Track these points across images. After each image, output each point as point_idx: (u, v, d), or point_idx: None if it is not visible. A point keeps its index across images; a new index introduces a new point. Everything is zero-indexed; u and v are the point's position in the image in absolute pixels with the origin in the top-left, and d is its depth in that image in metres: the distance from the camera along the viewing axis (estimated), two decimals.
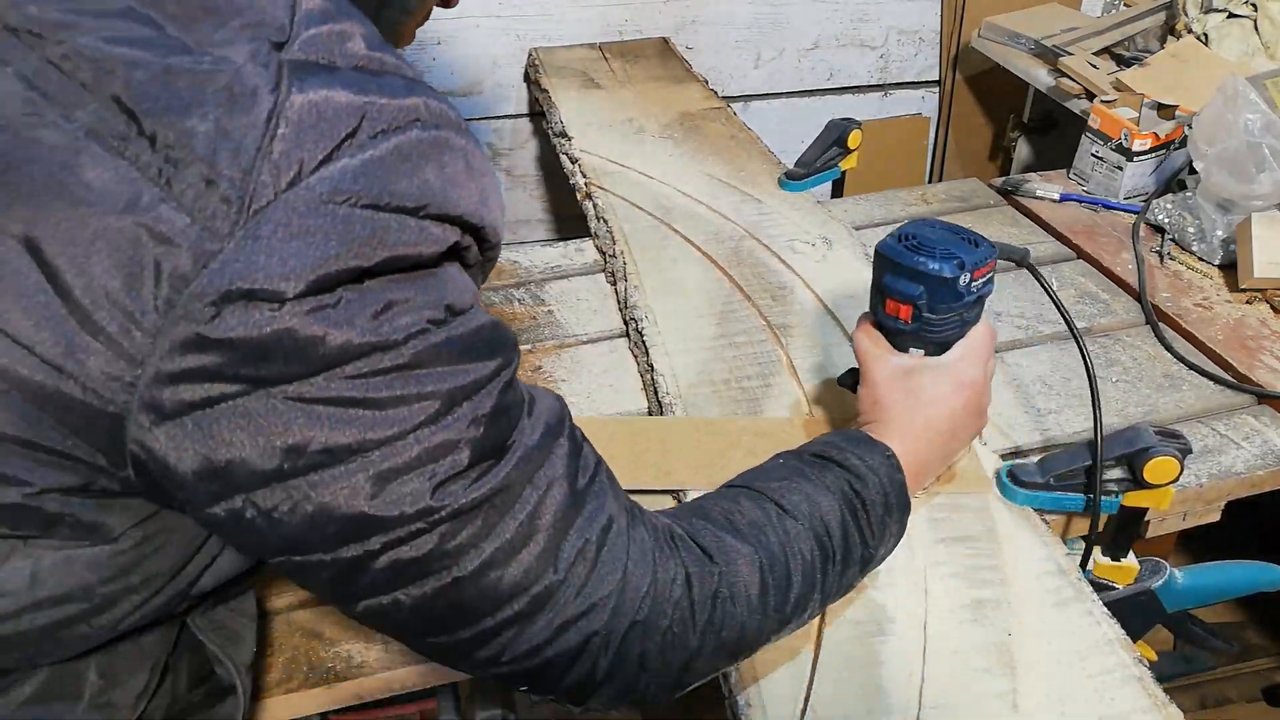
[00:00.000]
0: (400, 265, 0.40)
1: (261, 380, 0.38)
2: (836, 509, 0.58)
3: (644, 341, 0.96)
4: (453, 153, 0.42)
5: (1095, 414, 0.71)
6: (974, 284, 0.67)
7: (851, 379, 0.77)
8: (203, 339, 0.37)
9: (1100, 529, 0.75)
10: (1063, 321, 0.75)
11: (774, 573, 0.54)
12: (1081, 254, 1.16)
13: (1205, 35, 1.52)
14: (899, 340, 0.71)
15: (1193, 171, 1.16)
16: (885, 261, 0.69)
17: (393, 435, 0.40)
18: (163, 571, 0.47)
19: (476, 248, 0.45)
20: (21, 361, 0.37)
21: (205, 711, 0.54)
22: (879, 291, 0.70)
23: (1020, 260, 0.76)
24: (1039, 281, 0.75)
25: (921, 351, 0.70)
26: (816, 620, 0.66)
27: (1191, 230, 1.14)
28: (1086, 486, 0.73)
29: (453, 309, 0.42)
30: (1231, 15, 1.50)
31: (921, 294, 0.67)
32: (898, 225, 0.71)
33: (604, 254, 1.15)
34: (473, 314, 0.44)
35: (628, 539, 0.50)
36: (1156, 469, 0.70)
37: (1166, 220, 1.17)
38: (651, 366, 0.93)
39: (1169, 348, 0.98)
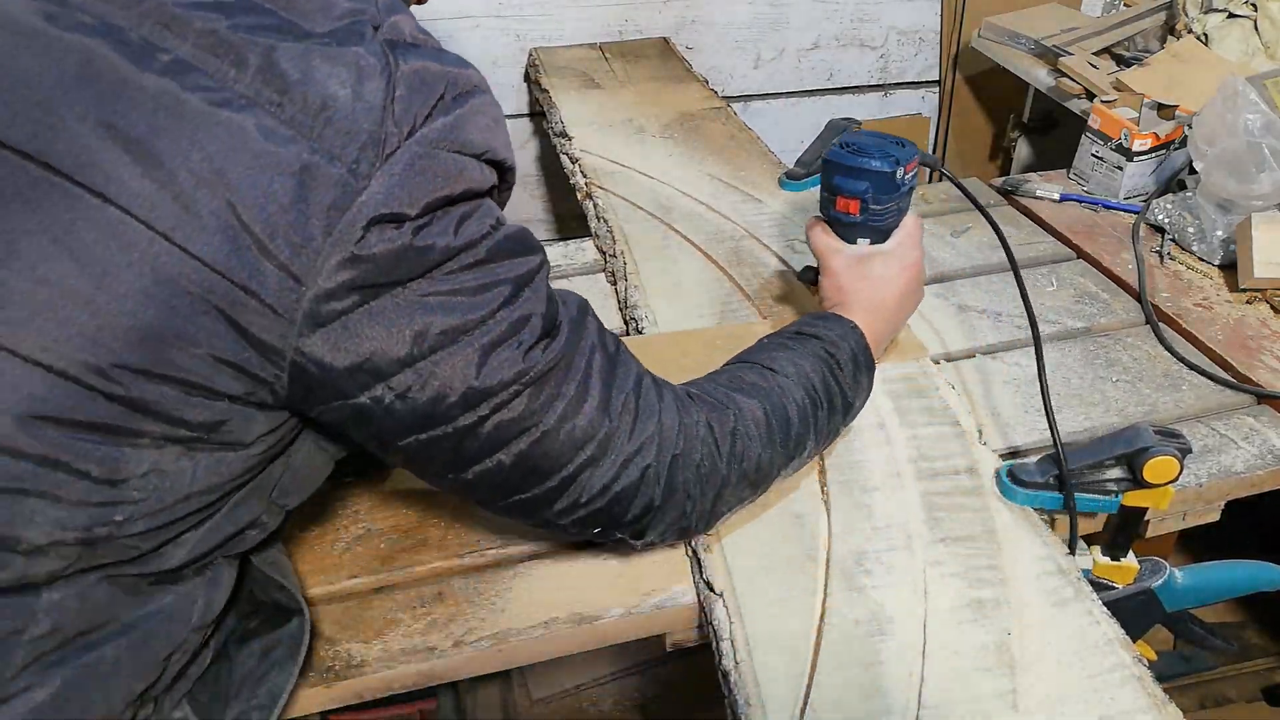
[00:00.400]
0: (470, 195, 0.51)
1: (391, 284, 0.49)
2: (818, 368, 0.72)
3: None
4: (493, 110, 0.53)
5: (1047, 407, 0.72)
6: (906, 176, 0.82)
7: (812, 274, 0.89)
8: (355, 257, 0.47)
9: (1101, 529, 0.75)
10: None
11: (775, 415, 0.67)
12: (1081, 254, 1.16)
13: (1205, 35, 1.52)
14: (849, 233, 0.84)
15: (1193, 171, 1.16)
16: (834, 166, 0.82)
17: (485, 315, 0.52)
18: (266, 484, 0.56)
19: (501, 183, 0.56)
20: (216, 284, 0.45)
21: (270, 632, 0.62)
22: (830, 192, 0.83)
23: (933, 166, 0.90)
24: (956, 185, 0.89)
25: (868, 240, 0.84)
26: (816, 620, 0.67)
27: (1191, 230, 1.14)
28: (1087, 487, 0.73)
29: (499, 222, 0.54)
30: (1231, 15, 1.50)
31: (867, 189, 0.81)
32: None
33: (604, 254, 1.15)
34: (511, 225, 0.56)
35: (657, 391, 0.63)
36: (1156, 468, 0.70)
37: (1166, 220, 1.17)
38: None
39: (1169, 348, 0.98)
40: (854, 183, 0.81)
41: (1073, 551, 0.72)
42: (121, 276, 0.44)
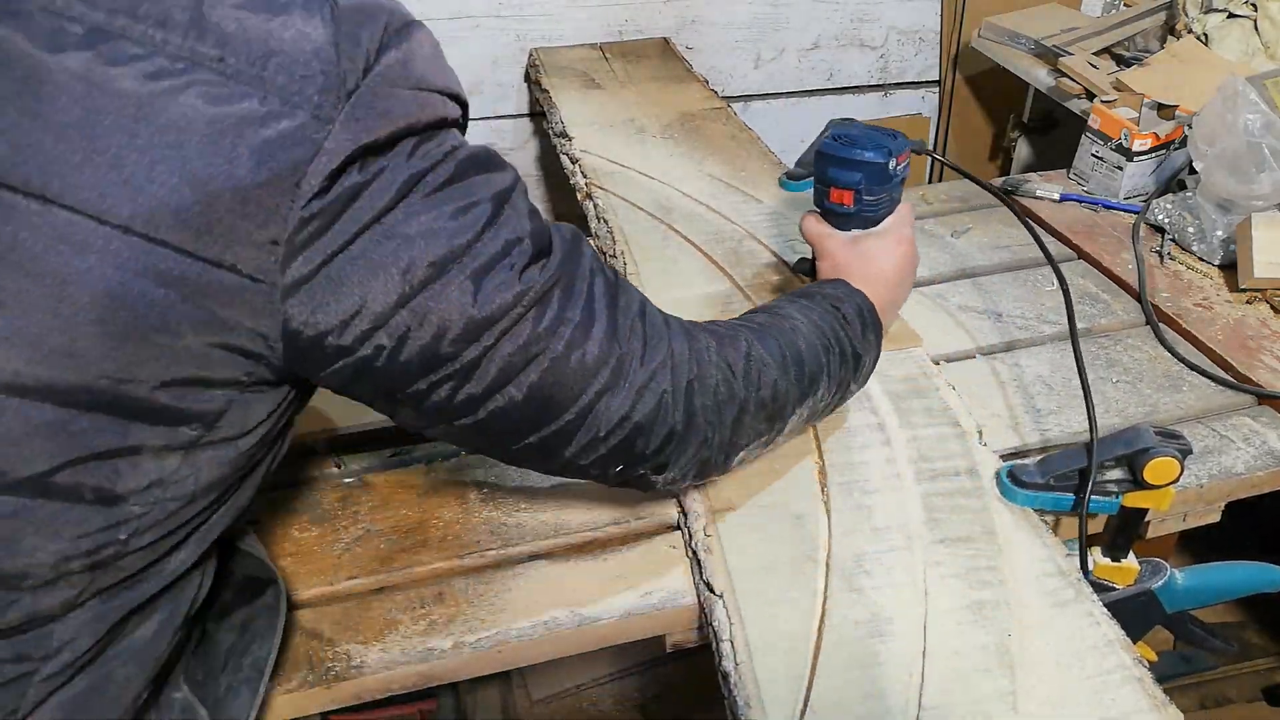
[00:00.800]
0: (433, 125, 0.49)
1: (366, 225, 0.46)
2: (827, 318, 0.72)
3: None
4: (434, 41, 0.50)
5: (1089, 410, 0.71)
6: (899, 167, 0.83)
7: (806, 264, 0.91)
8: (326, 206, 0.44)
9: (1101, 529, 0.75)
10: (1063, 321, 0.75)
11: (788, 349, 0.67)
12: (1081, 254, 1.16)
13: (1205, 35, 1.52)
14: (843, 223, 0.85)
15: (1193, 171, 1.16)
16: (828, 158, 0.83)
17: (471, 238, 0.49)
18: (262, 473, 0.55)
19: (462, 118, 0.54)
20: (189, 266, 0.42)
21: (247, 605, 0.61)
22: (824, 184, 0.84)
23: (919, 150, 0.92)
24: (967, 176, 0.95)
25: (861, 231, 0.85)
26: (816, 621, 0.67)
27: (1191, 230, 1.14)
28: (1085, 487, 0.73)
29: (462, 143, 0.52)
30: (1231, 15, 1.50)
31: (860, 180, 0.82)
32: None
33: (604, 254, 1.15)
34: (476, 144, 0.53)
35: (663, 318, 0.62)
36: (1156, 469, 0.70)
37: (1166, 220, 1.17)
38: None
39: (1169, 348, 0.97)
40: (848, 174, 0.82)
41: (1083, 559, 0.72)
42: (84, 282, 0.40)
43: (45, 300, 0.40)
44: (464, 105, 0.52)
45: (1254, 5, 1.48)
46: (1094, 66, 1.54)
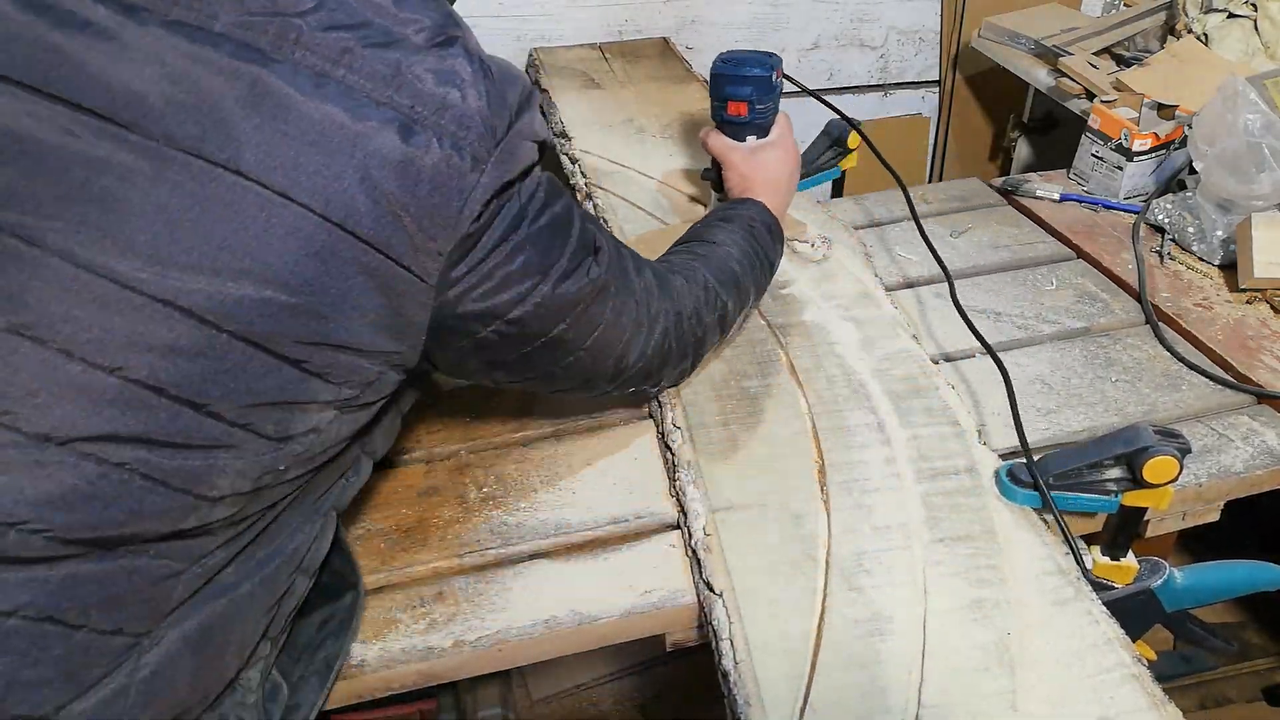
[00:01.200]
0: (535, 165, 0.61)
1: (499, 240, 0.59)
2: (748, 238, 0.89)
3: None
4: (538, 100, 0.65)
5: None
6: (778, 80, 1.00)
7: (714, 172, 1.05)
8: (476, 230, 0.57)
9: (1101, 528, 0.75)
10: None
11: (725, 271, 0.85)
12: (1081, 254, 1.16)
13: (1205, 35, 1.52)
14: (739, 132, 1.02)
15: (1193, 171, 1.16)
16: (724, 78, 1.00)
17: (560, 250, 0.64)
18: (375, 436, 0.68)
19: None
20: (379, 262, 0.53)
21: (325, 605, 0.68)
22: (721, 100, 1.00)
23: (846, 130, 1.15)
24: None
25: (755, 136, 1.02)
26: (816, 620, 0.67)
27: (1191, 230, 1.14)
28: (1087, 487, 0.73)
29: (544, 177, 0.64)
30: (1231, 15, 1.50)
31: (751, 92, 0.98)
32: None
33: None
34: (546, 174, 0.65)
35: (652, 270, 0.77)
36: (1155, 468, 0.70)
37: (1166, 220, 1.17)
38: None
39: (1169, 348, 0.98)
40: (741, 89, 0.99)
41: (1076, 555, 0.72)
42: (307, 263, 0.51)
43: (275, 268, 0.50)
44: (548, 147, 0.64)
45: (1254, 5, 1.48)
46: (1094, 66, 1.54)
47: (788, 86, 1.06)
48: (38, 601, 0.46)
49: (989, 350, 0.88)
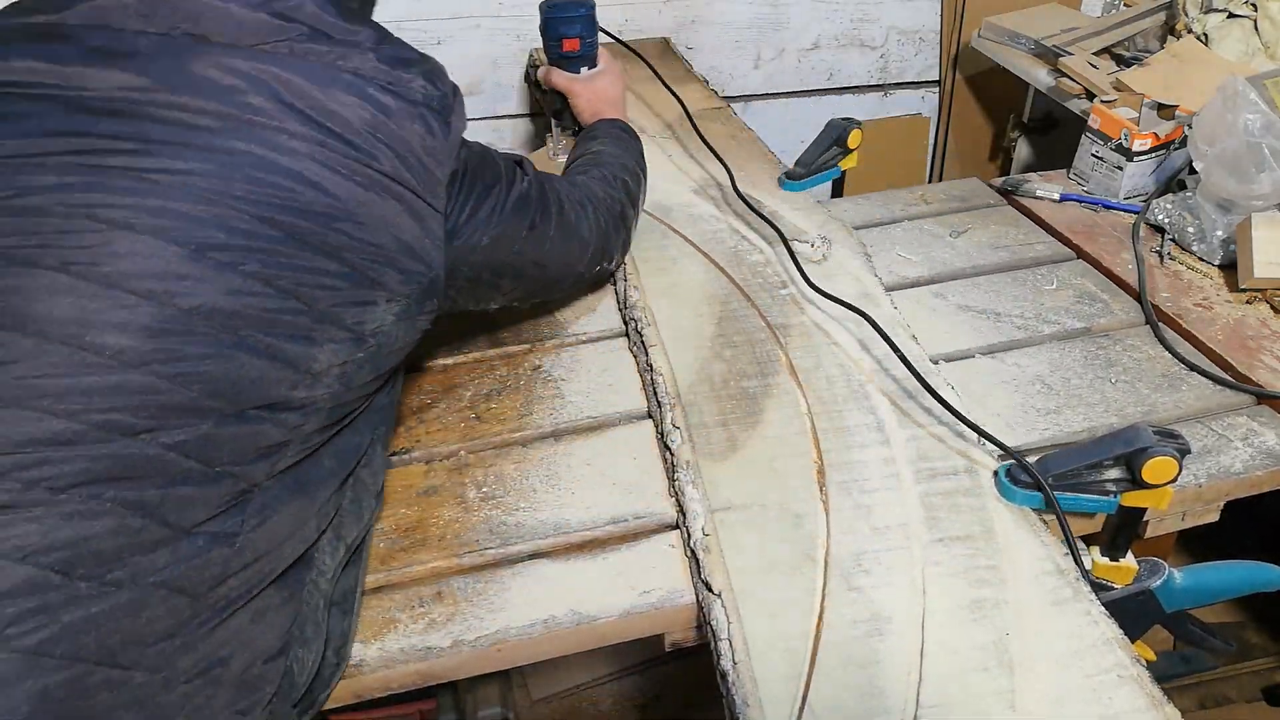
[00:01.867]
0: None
1: (467, 181, 0.75)
2: (610, 139, 1.11)
3: (643, 341, 0.96)
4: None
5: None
6: (595, 15, 1.20)
7: (560, 103, 1.25)
8: (455, 171, 0.72)
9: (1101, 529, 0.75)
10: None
11: (617, 164, 1.06)
12: (1081, 254, 1.16)
13: (1205, 35, 1.52)
14: (574, 65, 1.21)
15: (1193, 171, 1.16)
16: (556, 20, 1.18)
17: (500, 181, 0.80)
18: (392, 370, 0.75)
19: None
20: (412, 200, 0.67)
21: (352, 571, 0.73)
22: (556, 39, 1.19)
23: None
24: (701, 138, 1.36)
25: (586, 67, 1.22)
26: (815, 620, 0.67)
27: (1191, 230, 1.14)
28: (1085, 488, 0.73)
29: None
30: (1231, 15, 1.50)
31: (579, 29, 1.18)
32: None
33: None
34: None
35: (569, 182, 0.97)
36: (1155, 469, 0.70)
37: (1166, 220, 1.17)
38: (650, 366, 0.93)
39: (1169, 348, 0.97)
40: (570, 26, 1.18)
41: (1075, 555, 0.72)
42: (352, 182, 0.64)
43: (338, 197, 0.63)
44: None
45: (1254, 5, 1.48)
46: (1094, 66, 1.54)
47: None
48: (189, 442, 0.56)
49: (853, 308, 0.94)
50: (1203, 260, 1.13)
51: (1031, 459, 0.78)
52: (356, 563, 0.73)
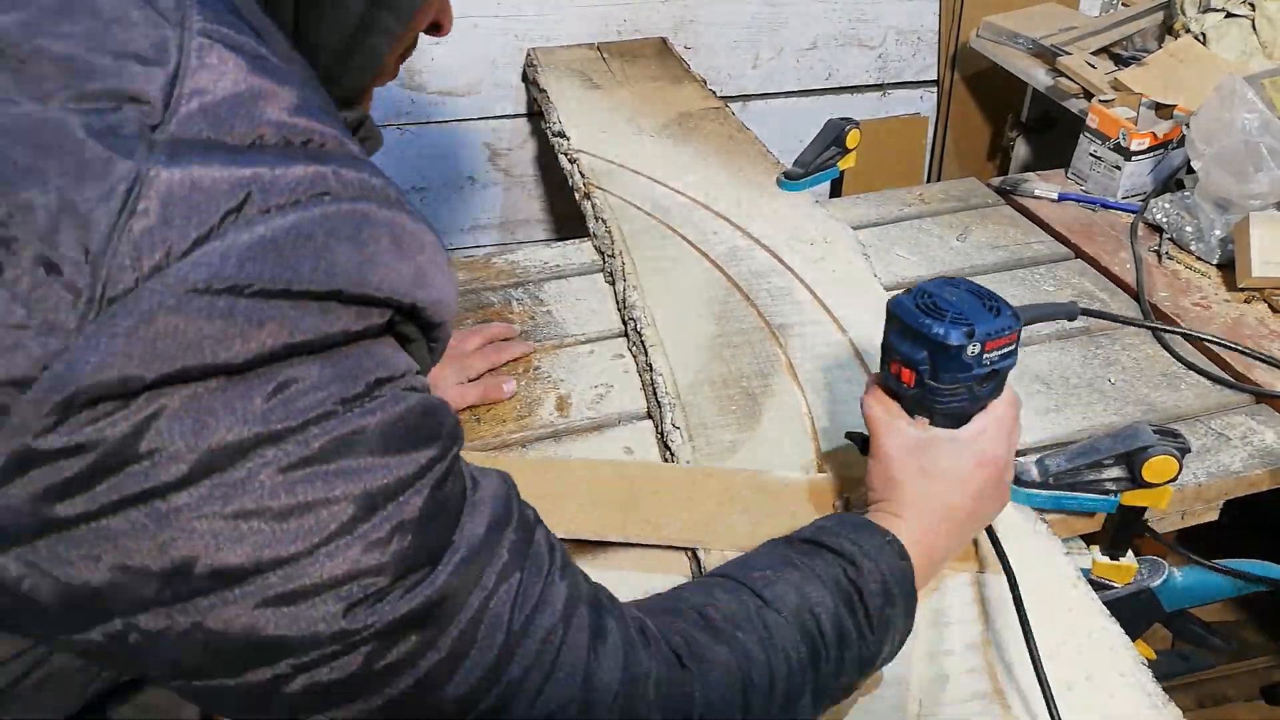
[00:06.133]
0: (299, 350, 0.35)
1: (121, 495, 0.32)
2: (829, 600, 0.53)
3: (642, 341, 0.96)
4: (374, 227, 0.36)
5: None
6: (985, 356, 0.61)
7: (862, 440, 0.70)
8: (36, 454, 0.31)
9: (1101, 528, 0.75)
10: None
11: (754, 675, 0.49)
12: (1080, 253, 1.16)
13: (1203, 35, 1.52)
14: (905, 404, 0.66)
15: (1191, 171, 1.16)
16: (894, 319, 0.64)
17: (295, 553, 0.35)
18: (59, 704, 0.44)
19: (415, 327, 0.40)
20: None
21: None
22: (885, 350, 0.66)
23: (1069, 316, 0.75)
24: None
25: (927, 420, 0.65)
26: None
27: (1190, 229, 1.14)
28: (1086, 487, 0.73)
29: (375, 384, 0.37)
30: (1229, 15, 1.50)
31: (925, 359, 0.62)
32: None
33: (602, 254, 1.15)
34: (401, 394, 0.38)
35: (590, 636, 0.44)
36: (1155, 468, 0.70)
37: (1165, 219, 1.17)
38: (650, 366, 0.93)
39: (1167, 347, 0.98)
40: (911, 347, 0.63)
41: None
42: None
43: None
44: (405, 309, 0.40)
45: (1252, 5, 1.48)
46: (1092, 66, 1.54)
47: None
48: None
49: None
50: (1201, 259, 1.13)
51: (1031, 458, 0.78)
52: None
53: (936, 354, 0.61)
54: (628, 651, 0.45)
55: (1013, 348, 0.62)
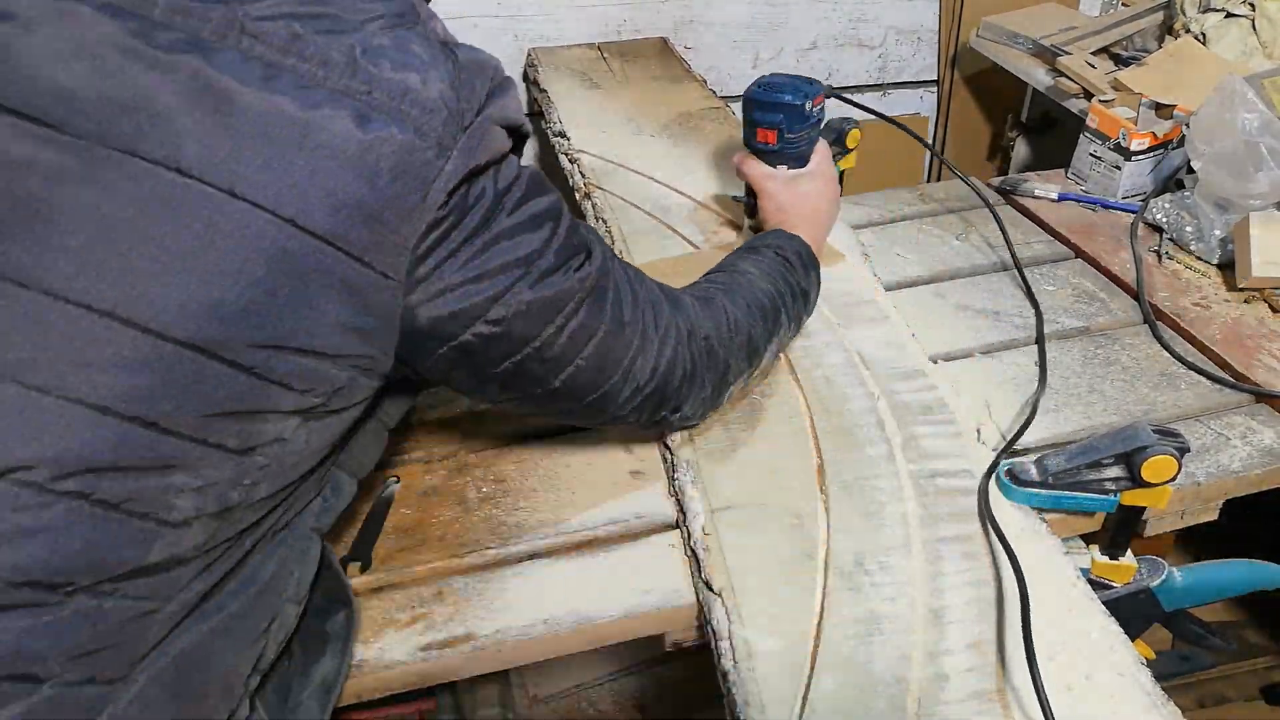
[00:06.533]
0: (508, 152, 0.59)
1: (470, 233, 0.56)
2: (774, 266, 0.85)
3: None
4: (516, 89, 0.60)
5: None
6: (814, 109, 0.96)
7: (749, 200, 1.03)
8: (441, 218, 0.53)
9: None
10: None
11: (752, 300, 0.80)
12: (1080, 253, 1.16)
13: (1203, 35, 1.52)
14: (770, 160, 0.98)
15: (1191, 171, 1.16)
16: (753, 103, 0.96)
17: (542, 246, 0.60)
18: (354, 450, 0.66)
19: (519, 142, 0.62)
20: (336, 259, 0.50)
21: (320, 625, 0.65)
22: (751, 125, 0.97)
23: (831, 94, 1.04)
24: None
25: (786, 167, 0.98)
26: (815, 620, 0.67)
27: (1189, 229, 1.14)
28: (1084, 487, 0.73)
29: (524, 168, 0.61)
30: (1229, 15, 1.50)
31: (781, 120, 0.95)
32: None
33: None
34: (528, 166, 0.62)
35: (661, 289, 0.73)
36: (1154, 467, 0.70)
37: (1164, 219, 1.17)
38: None
39: (1167, 347, 0.98)
40: (771, 115, 0.95)
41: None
42: (255, 260, 0.48)
43: (221, 269, 0.47)
44: (524, 135, 0.61)
45: (1251, 5, 1.48)
46: (1092, 66, 1.54)
47: None
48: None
49: None
50: (1201, 259, 1.13)
51: (1031, 458, 0.78)
52: (337, 652, 0.65)
53: (788, 114, 0.95)
54: (674, 299, 0.74)
55: (824, 105, 0.98)
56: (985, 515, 0.73)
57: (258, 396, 0.50)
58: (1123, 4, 1.85)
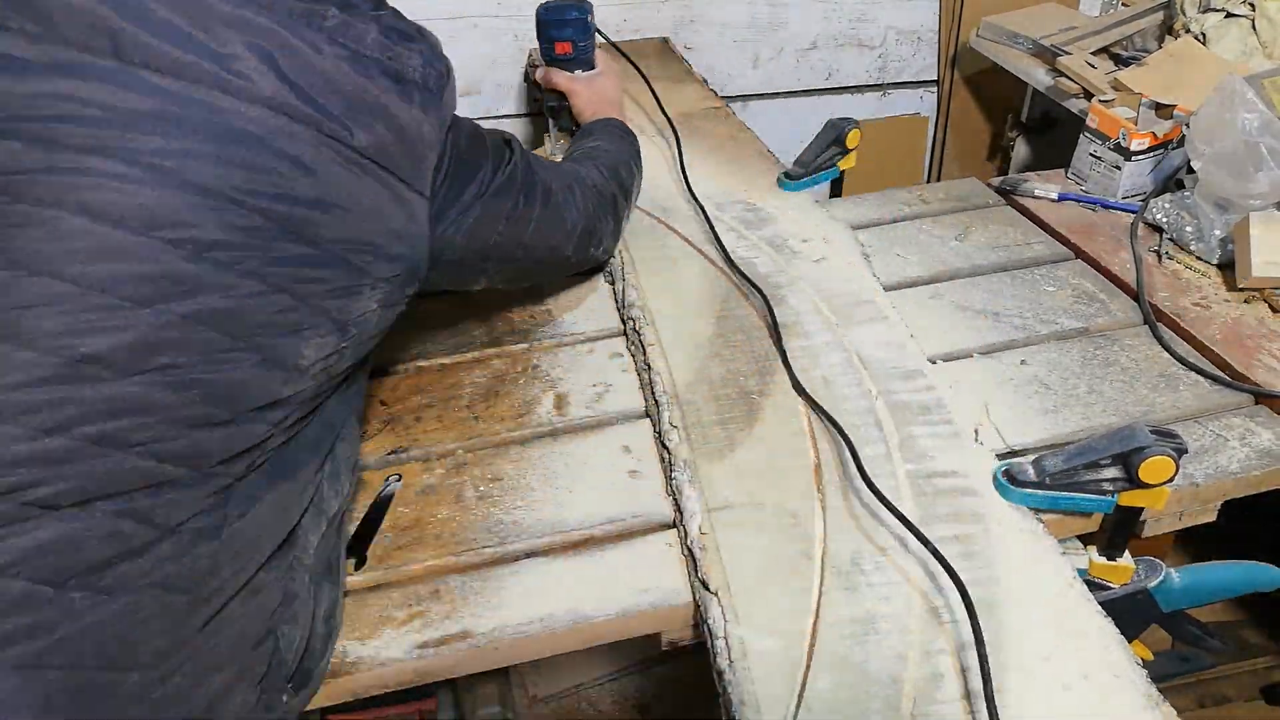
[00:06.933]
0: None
1: (453, 157, 0.72)
2: (612, 137, 1.12)
3: (641, 341, 0.96)
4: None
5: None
6: (591, 21, 1.23)
7: (556, 101, 1.27)
8: (443, 153, 0.70)
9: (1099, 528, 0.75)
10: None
11: (610, 159, 1.06)
12: (1080, 254, 1.16)
13: (1203, 35, 1.52)
14: (569, 67, 1.24)
15: (1191, 171, 1.16)
16: (548, 23, 1.21)
17: (494, 166, 0.79)
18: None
19: None
20: (398, 186, 0.65)
21: (331, 540, 0.72)
22: (549, 41, 1.22)
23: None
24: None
25: (582, 70, 1.25)
26: (811, 619, 0.67)
27: (1189, 230, 1.14)
28: (1082, 487, 0.73)
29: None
30: (1229, 15, 1.50)
31: (572, 33, 1.21)
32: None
33: None
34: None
35: (557, 166, 0.97)
36: (1152, 468, 0.70)
37: (1164, 220, 1.17)
38: (649, 366, 0.93)
39: (1167, 347, 0.97)
40: (564, 31, 1.21)
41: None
42: (343, 168, 0.61)
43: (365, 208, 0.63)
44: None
45: (1251, 5, 1.48)
46: (1092, 66, 1.54)
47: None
48: (182, 450, 0.55)
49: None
50: (1201, 260, 1.13)
51: (1028, 458, 0.78)
52: (336, 532, 0.72)
53: (577, 26, 1.21)
54: (562, 166, 1.00)
55: (593, 18, 1.24)
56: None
57: (353, 278, 0.63)
58: (1123, 4, 1.85)
